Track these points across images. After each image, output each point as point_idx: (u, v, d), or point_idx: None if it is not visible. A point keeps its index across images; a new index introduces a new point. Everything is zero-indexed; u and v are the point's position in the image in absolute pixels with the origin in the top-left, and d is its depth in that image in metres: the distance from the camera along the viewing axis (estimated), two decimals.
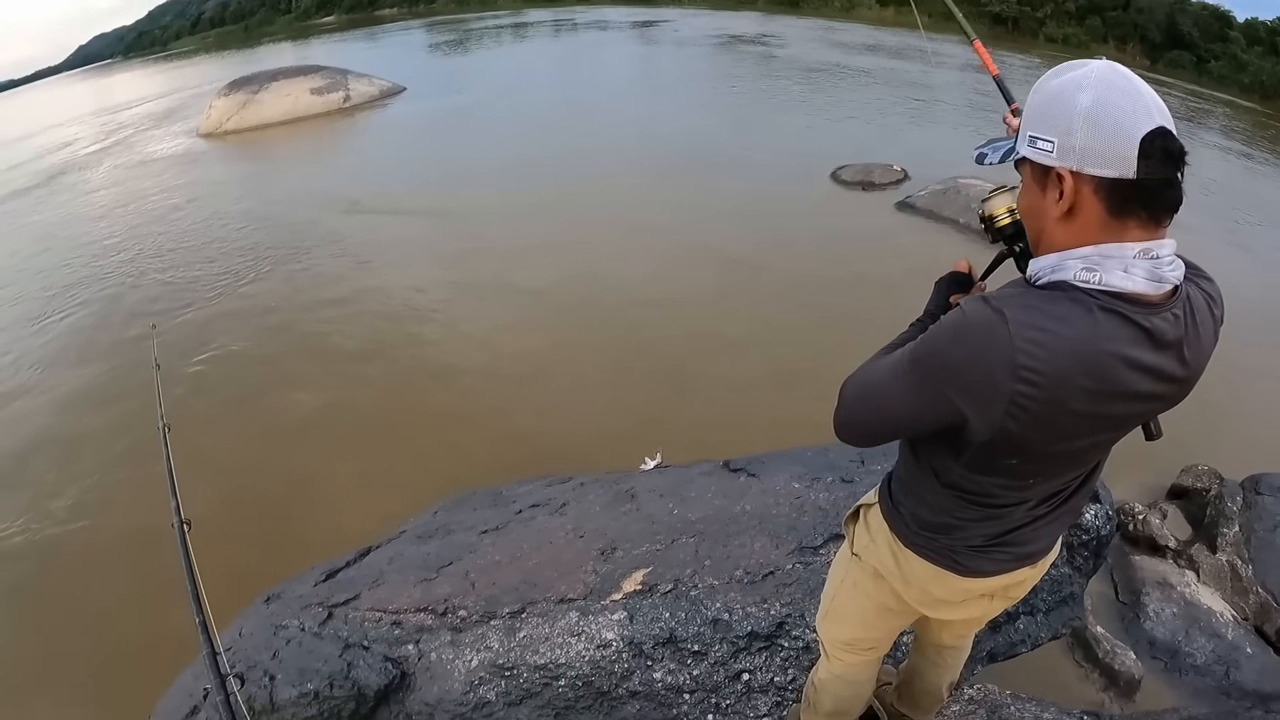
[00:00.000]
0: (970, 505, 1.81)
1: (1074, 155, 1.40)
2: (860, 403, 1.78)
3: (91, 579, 6.55)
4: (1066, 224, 1.46)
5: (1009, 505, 1.79)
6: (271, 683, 3.52)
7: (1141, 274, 1.41)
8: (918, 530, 1.97)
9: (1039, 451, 1.63)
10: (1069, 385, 1.45)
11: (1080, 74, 1.41)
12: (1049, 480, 1.75)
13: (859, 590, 2.27)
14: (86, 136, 26.56)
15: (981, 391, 1.50)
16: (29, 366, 10.51)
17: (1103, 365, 1.43)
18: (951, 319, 1.54)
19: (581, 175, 15.72)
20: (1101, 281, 1.42)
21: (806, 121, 19.19)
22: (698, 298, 10.22)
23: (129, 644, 5.68)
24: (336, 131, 22.70)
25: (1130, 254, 1.41)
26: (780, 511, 3.90)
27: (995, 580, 1.97)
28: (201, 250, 13.78)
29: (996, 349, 1.45)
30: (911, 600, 2.12)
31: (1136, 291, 1.41)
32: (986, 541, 1.88)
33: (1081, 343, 1.42)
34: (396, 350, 9.70)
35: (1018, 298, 1.49)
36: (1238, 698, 4.72)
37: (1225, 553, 5.65)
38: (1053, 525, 1.89)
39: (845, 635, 2.43)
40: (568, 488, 4.87)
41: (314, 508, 6.98)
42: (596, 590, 3.61)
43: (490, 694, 3.38)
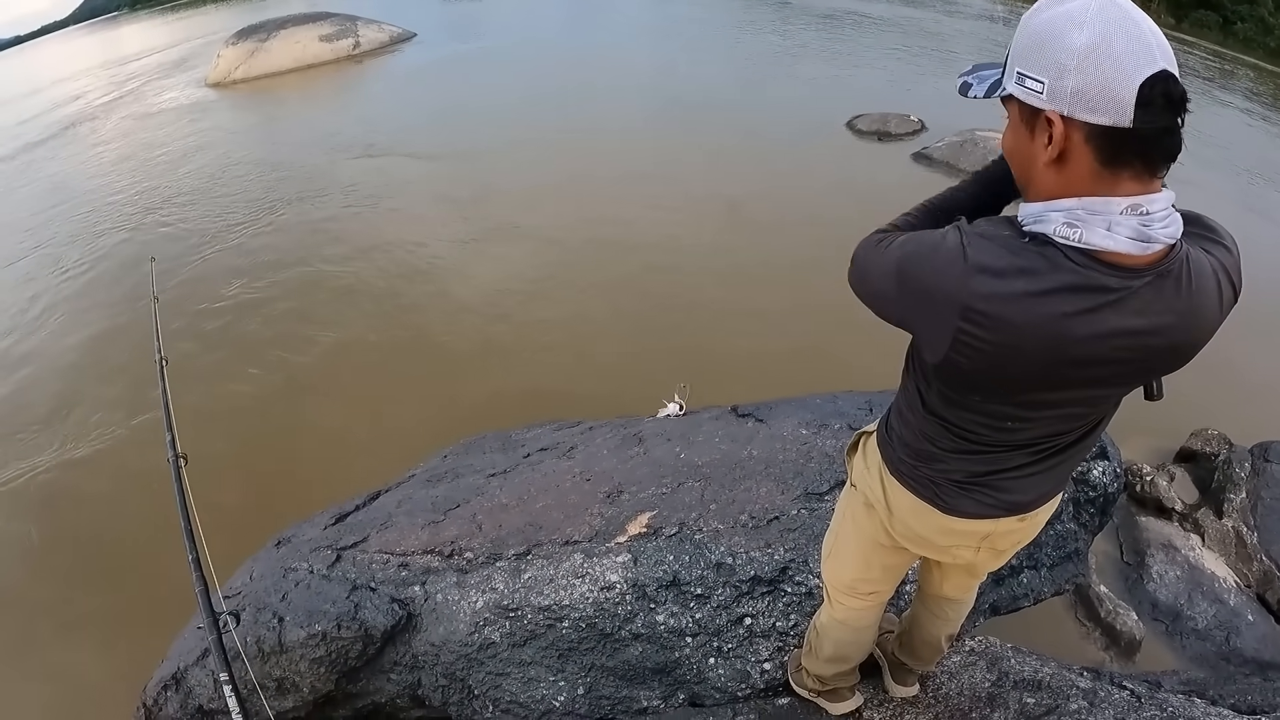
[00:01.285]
0: (950, 435, 1.79)
1: (1065, 98, 1.30)
2: (859, 272, 1.73)
3: (103, 520, 6.64)
4: (1055, 170, 1.39)
5: (990, 446, 1.76)
6: (280, 624, 3.56)
7: (1126, 232, 1.32)
8: (903, 457, 1.96)
9: (1002, 395, 1.62)
10: (1017, 339, 1.42)
11: (1077, 6, 1.28)
12: (1029, 426, 1.70)
13: (855, 525, 2.26)
14: (95, 89, 26.41)
15: (931, 319, 1.51)
16: (43, 312, 10.59)
17: (1057, 329, 1.39)
18: (933, 238, 1.51)
19: (593, 122, 15.57)
20: (1082, 239, 1.35)
21: (821, 70, 18.94)
22: (709, 245, 10.15)
23: (142, 586, 5.74)
24: (346, 79, 22.53)
25: (1117, 210, 1.32)
26: (787, 457, 3.88)
27: (978, 524, 1.94)
28: (212, 197, 13.76)
29: (949, 283, 1.44)
30: (896, 534, 2.10)
31: (1118, 251, 1.34)
32: (968, 478, 1.85)
33: (1036, 303, 1.38)
34: (408, 294, 9.70)
35: (992, 241, 1.43)
36: (1237, 664, 4.74)
37: (1231, 519, 5.64)
38: (1041, 477, 1.84)
39: (846, 576, 2.42)
40: (576, 431, 4.87)
41: (326, 452, 7.03)
42: (602, 533, 3.62)
43: (495, 635, 3.40)
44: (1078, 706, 2.87)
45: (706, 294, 8.94)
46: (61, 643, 5.64)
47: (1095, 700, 2.90)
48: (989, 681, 3.11)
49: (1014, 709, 2.92)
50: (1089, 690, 2.97)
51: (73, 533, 6.65)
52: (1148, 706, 2.85)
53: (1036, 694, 2.99)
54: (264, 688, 3.51)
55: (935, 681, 3.15)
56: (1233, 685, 3.45)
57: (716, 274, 9.35)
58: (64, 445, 7.70)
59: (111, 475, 7.16)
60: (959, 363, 1.51)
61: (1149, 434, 6.63)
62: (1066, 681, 3.05)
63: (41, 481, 7.31)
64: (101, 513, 6.77)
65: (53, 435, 7.89)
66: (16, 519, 6.95)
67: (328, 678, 3.50)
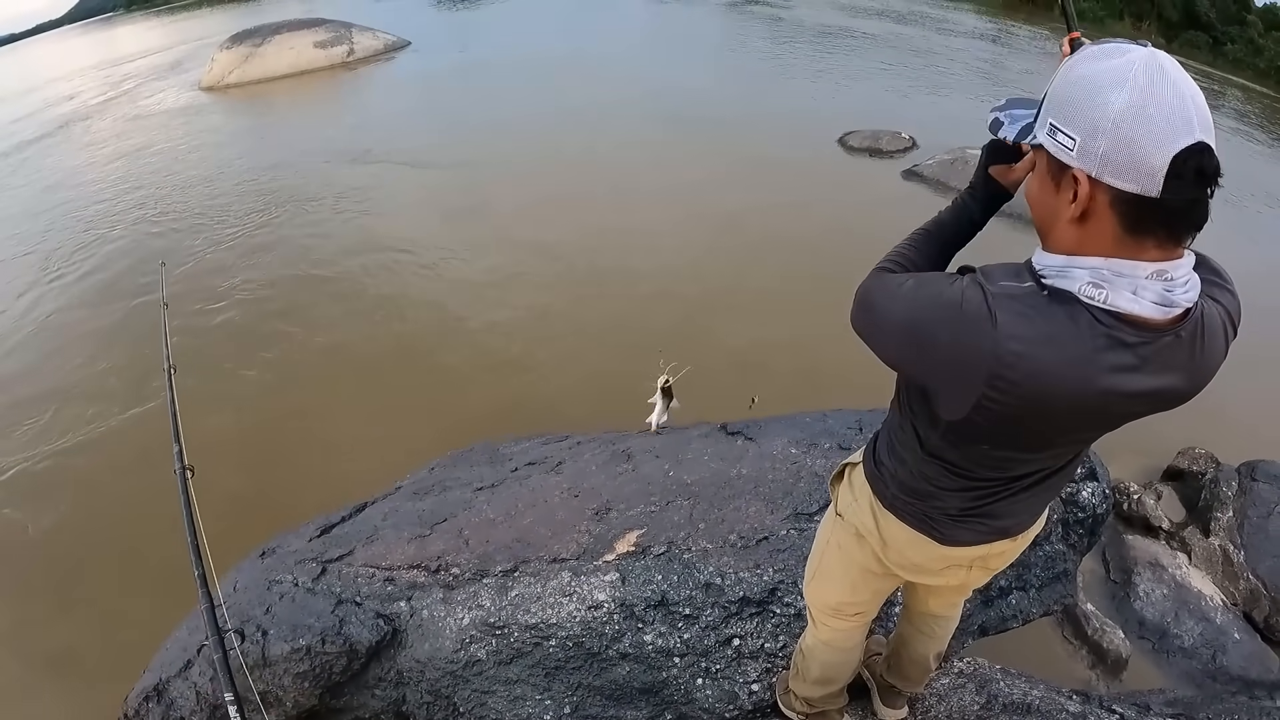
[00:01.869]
0: (950, 475, 1.79)
1: (1095, 160, 1.27)
2: (864, 313, 1.69)
3: (90, 523, 6.58)
4: (1078, 228, 1.36)
5: (989, 480, 1.77)
6: (264, 638, 3.53)
7: (1151, 297, 1.31)
8: (897, 493, 1.95)
9: (1011, 444, 1.62)
10: (1042, 401, 1.42)
11: (1120, 65, 1.25)
12: (1030, 465, 1.73)
13: (843, 552, 2.24)
14: (89, 90, 26.33)
15: (954, 384, 1.51)
16: (40, 315, 10.51)
17: (1086, 391, 1.39)
18: (950, 299, 1.45)
19: (587, 134, 15.56)
20: (1108, 301, 1.33)
21: (814, 85, 19.01)
22: (699, 260, 10.15)
23: (128, 590, 5.70)
24: (340, 86, 22.52)
25: (1143, 275, 1.31)
26: (776, 476, 3.87)
27: (973, 550, 1.96)
28: (203, 201, 13.70)
29: (979, 352, 1.41)
30: (890, 563, 2.10)
31: (1143, 316, 1.33)
32: (964, 511, 1.86)
33: (1067, 367, 1.37)
34: (399, 304, 9.66)
35: (1019, 301, 1.40)
36: (1223, 682, 4.75)
37: (1218, 537, 5.66)
38: (1034, 500, 1.86)
39: (831, 599, 2.41)
40: (564, 446, 4.85)
41: (312, 461, 7.00)
42: (589, 550, 3.59)
43: (481, 652, 3.37)
44: None
45: (697, 309, 8.93)
46: (42, 653, 5.58)
47: None
48: (978, 704, 3.10)
49: None
50: (1078, 714, 2.97)
51: (59, 534, 6.59)
52: None
53: (1026, 718, 2.98)
54: (247, 701, 3.48)
55: (924, 704, 3.14)
56: (1219, 704, 3.46)
57: (708, 289, 9.35)
58: (54, 441, 7.68)
59: (101, 474, 7.12)
60: (978, 421, 1.52)
61: (1137, 452, 6.65)
62: (1056, 705, 3.04)
63: (30, 478, 7.27)
64: (87, 515, 6.72)
65: (44, 432, 7.87)
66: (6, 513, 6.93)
67: (311, 692, 3.46)
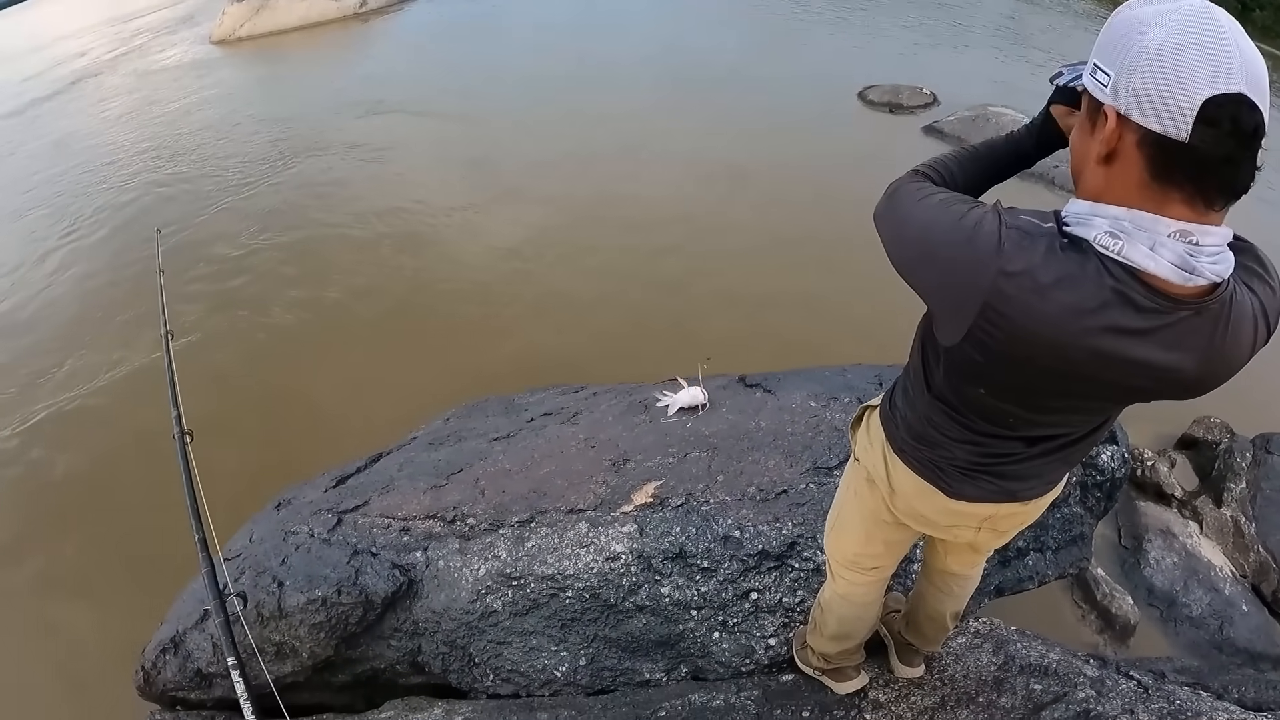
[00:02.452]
0: (954, 422, 1.76)
1: (1125, 96, 1.22)
2: (889, 212, 1.66)
3: (98, 487, 6.59)
4: (1105, 170, 1.32)
5: (992, 438, 1.74)
6: (280, 589, 3.52)
7: (1169, 257, 1.24)
8: (905, 437, 1.93)
9: (1005, 395, 1.59)
10: (1030, 344, 1.38)
11: (1164, 8, 1.21)
12: (1031, 428, 1.69)
13: (859, 499, 2.22)
14: (99, 47, 26.07)
15: (952, 304, 1.47)
16: (44, 268, 10.51)
17: (1077, 343, 1.33)
18: (971, 220, 1.41)
19: (602, 86, 15.34)
20: (1123, 253, 1.27)
21: (833, 39, 18.68)
22: (715, 214, 10.01)
23: (141, 544, 5.72)
24: (353, 38, 22.24)
25: (1164, 231, 1.24)
26: (796, 430, 3.83)
27: (980, 508, 1.91)
28: (215, 154, 13.59)
29: (978, 277, 1.37)
30: (898, 512, 2.07)
31: (1159, 276, 1.25)
32: (971, 465, 1.82)
33: (1063, 313, 1.31)
34: (412, 254, 9.60)
35: (1031, 238, 1.35)
36: (1229, 654, 4.73)
37: (1230, 508, 5.61)
38: (1045, 467, 1.82)
39: (849, 550, 2.39)
40: (580, 397, 4.82)
41: (327, 412, 6.99)
42: (607, 501, 3.57)
43: (497, 603, 3.36)
44: (1085, 695, 2.83)
45: (712, 263, 8.83)
46: (60, 603, 5.63)
47: (1103, 689, 2.85)
48: (995, 665, 3.07)
49: (1021, 694, 2.88)
50: (1096, 679, 2.93)
51: (71, 489, 6.62)
52: (1155, 698, 2.80)
53: (1044, 680, 2.95)
54: (263, 651, 3.48)
55: (941, 663, 3.11)
56: (1226, 676, 3.42)
57: (723, 243, 9.23)
58: (62, 400, 7.68)
59: (112, 433, 7.13)
60: (969, 354, 1.49)
61: (1151, 419, 6.59)
62: (1073, 669, 3.01)
63: (37, 435, 7.30)
64: (100, 471, 6.74)
65: (69, 378, 7.92)
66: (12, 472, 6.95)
67: (327, 643, 3.46)
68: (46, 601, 5.69)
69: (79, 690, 5.05)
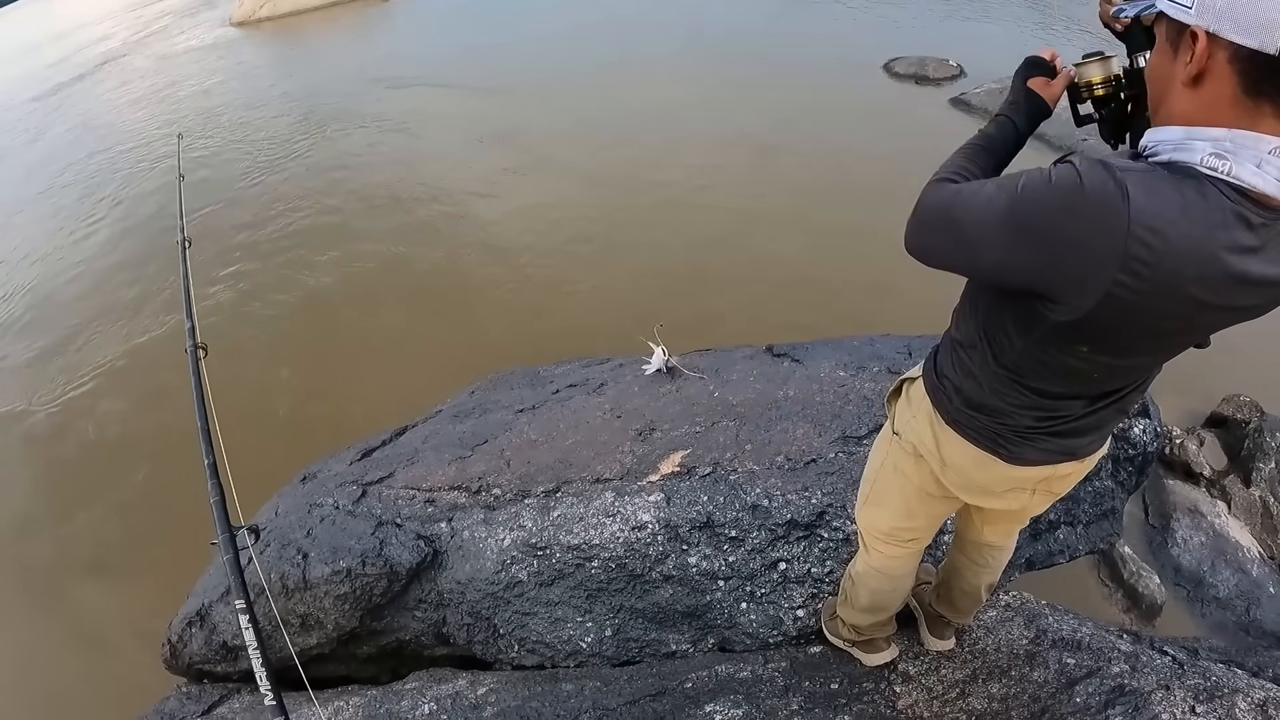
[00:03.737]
0: (1021, 390, 1.70)
1: (1212, 13, 1.19)
2: (939, 228, 1.60)
3: (126, 461, 6.66)
4: (1193, 93, 1.28)
5: (1061, 398, 1.69)
6: (305, 560, 3.53)
7: (1275, 173, 1.20)
8: (960, 407, 1.86)
9: (1114, 345, 1.50)
10: (1173, 285, 1.29)
11: None
12: (1113, 380, 1.64)
13: (898, 473, 2.15)
14: (120, 32, 26.33)
15: (1081, 274, 1.34)
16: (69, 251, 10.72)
17: (1214, 270, 1.26)
18: (1066, 180, 1.32)
19: (626, 58, 15.30)
20: (1231, 173, 1.22)
21: (860, 10, 18.58)
22: (740, 186, 9.94)
23: (169, 518, 5.76)
24: (373, 17, 22.25)
25: (1266, 149, 1.20)
26: (824, 399, 3.78)
27: (1039, 470, 1.86)
28: (240, 130, 13.82)
29: (1110, 232, 1.27)
30: (950, 484, 2.01)
31: (1266, 192, 1.21)
32: (1033, 429, 1.77)
33: (1202, 241, 1.24)
34: (437, 227, 9.65)
35: (1143, 175, 1.28)
36: (1256, 635, 4.66)
37: (1259, 488, 5.53)
38: (1103, 419, 1.78)
39: (885, 524, 2.32)
40: (606, 368, 4.78)
41: (353, 386, 7.03)
42: (633, 471, 3.54)
43: (522, 573, 3.34)
44: (1119, 670, 2.78)
45: (739, 234, 8.75)
46: (88, 577, 5.69)
47: (1137, 665, 2.81)
48: (1027, 639, 3.03)
49: (1054, 668, 2.84)
50: (1130, 654, 2.88)
51: (98, 462, 6.69)
52: (1190, 674, 2.75)
53: (1077, 654, 2.90)
54: (288, 624, 3.49)
55: (972, 636, 3.07)
56: (1253, 658, 3.37)
57: (749, 214, 9.14)
58: (86, 373, 7.81)
59: (139, 405, 7.19)
60: (1096, 318, 1.38)
61: (1181, 396, 6.48)
62: (1107, 644, 2.96)
63: (64, 408, 7.39)
64: (128, 443, 6.80)
65: (84, 359, 8.03)
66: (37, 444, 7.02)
67: (352, 614, 3.47)
68: (75, 576, 5.76)
69: (108, 663, 5.11)
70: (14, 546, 6.17)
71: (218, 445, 2.71)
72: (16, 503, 6.59)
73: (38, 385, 7.86)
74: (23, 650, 5.42)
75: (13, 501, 6.61)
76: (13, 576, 5.93)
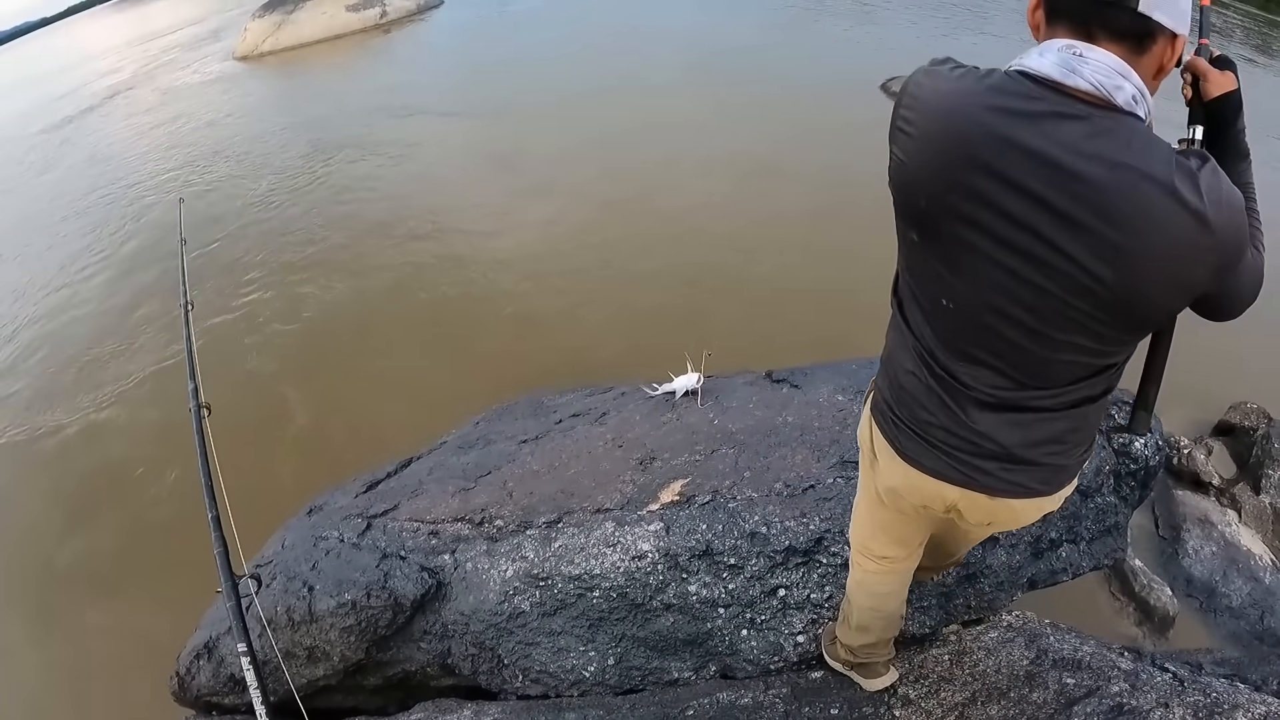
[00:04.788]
0: (903, 331, 1.82)
1: None
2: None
3: (135, 492, 6.69)
4: (1030, 19, 1.56)
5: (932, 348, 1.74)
6: (310, 593, 3.56)
7: (1053, 59, 1.42)
8: (877, 385, 2.03)
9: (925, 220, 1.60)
10: (937, 119, 1.51)
11: None
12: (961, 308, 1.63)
13: (860, 481, 2.26)
14: (125, 66, 26.58)
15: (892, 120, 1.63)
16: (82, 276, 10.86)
17: (978, 123, 1.45)
18: None
19: (625, 82, 15.41)
20: (1021, 64, 1.47)
21: (857, 30, 18.63)
22: (741, 210, 10.01)
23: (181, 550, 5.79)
24: (375, 47, 22.45)
25: (1055, 46, 1.43)
26: (823, 424, 3.81)
27: (943, 488, 1.88)
28: (243, 163, 13.96)
29: (904, 84, 1.61)
30: (881, 489, 2.08)
31: (1045, 74, 1.42)
32: (929, 424, 1.82)
33: (966, 97, 1.47)
34: (441, 255, 9.72)
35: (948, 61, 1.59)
36: (1270, 644, 4.66)
37: (1269, 494, 5.54)
38: (1005, 449, 1.76)
39: (859, 535, 2.41)
40: (608, 397, 4.82)
41: (359, 418, 7.07)
42: (634, 500, 3.57)
43: (525, 604, 3.37)
44: (1119, 689, 2.79)
45: (741, 259, 8.82)
46: (97, 609, 5.71)
47: (1137, 683, 2.81)
48: (1027, 659, 3.04)
49: (1053, 689, 2.84)
50: (1130, 672, 2.89)
51: (108, 492, 6.74)
52: (1191, 690, 2.75)
53: (1076, 674, 2.91)
54: (294, 656, 3.52)
55: (973, 658, 3.09)
56: (1267, 667, 3.37)
57: (751, 240, 9.20)
58: (101, 403, 7.88)
59: (148, 437, 7.23)
60: (897, 161, 1.62)
61: (1187, 406, 6.50)
62: (1107, 662, 2.97)
63: (76, 435, 7.47)
64: (137, 475, 6.83)
65: (91, 393, 8.08)
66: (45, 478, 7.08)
67: (358, 646, 3.50)
68: (84, 604, 5.78)
69: (118, 694, 5.12)
70: (23, 572, 6.22)
71: (221, 500, 2.78)
72: (25, 527, 6.67)
73: (54, 404, 7.97)
74: (32, 679, 5.46)
75: (22, 526, 6.69)
76: (24, 604, 5.97)
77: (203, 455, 3.05)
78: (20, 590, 6.08)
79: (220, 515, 2.74)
